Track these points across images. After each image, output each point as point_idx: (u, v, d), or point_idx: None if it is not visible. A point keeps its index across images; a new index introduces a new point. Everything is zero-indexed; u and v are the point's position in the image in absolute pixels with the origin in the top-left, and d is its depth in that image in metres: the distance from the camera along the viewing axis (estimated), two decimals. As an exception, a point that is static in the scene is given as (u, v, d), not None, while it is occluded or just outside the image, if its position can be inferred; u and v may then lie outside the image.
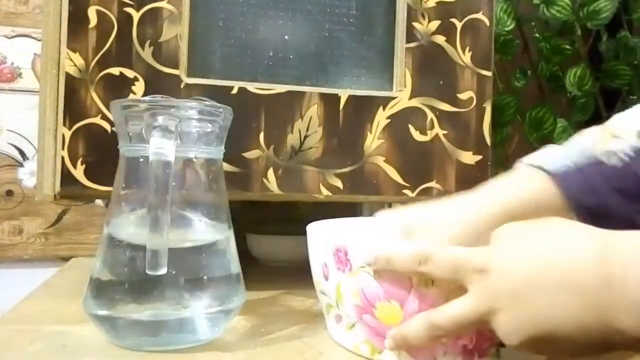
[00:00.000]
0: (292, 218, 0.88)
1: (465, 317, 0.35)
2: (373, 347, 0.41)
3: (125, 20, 0.57)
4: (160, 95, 0.47)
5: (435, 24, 0.66)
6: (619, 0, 0.96)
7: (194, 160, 0.45)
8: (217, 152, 0.47)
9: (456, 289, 0.37)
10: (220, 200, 0.47)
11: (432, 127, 0.65)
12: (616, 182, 0.45)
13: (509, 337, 0.34)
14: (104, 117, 0.56)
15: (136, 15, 0.57)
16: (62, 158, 0.55)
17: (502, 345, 0.40)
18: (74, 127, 0.55)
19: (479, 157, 0.66)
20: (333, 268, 0.43)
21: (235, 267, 0.47)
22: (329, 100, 0.62)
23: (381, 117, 0.63)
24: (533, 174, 0.47)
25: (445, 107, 0.66)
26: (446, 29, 0.66)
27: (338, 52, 0.64)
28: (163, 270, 0.40)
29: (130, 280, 0.42)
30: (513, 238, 0.36)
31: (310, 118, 0.61)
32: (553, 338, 0.32)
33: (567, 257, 0.32)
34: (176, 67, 0.58)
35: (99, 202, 0.91)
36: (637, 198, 0.44)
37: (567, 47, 0.99)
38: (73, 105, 0.56)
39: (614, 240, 0.32)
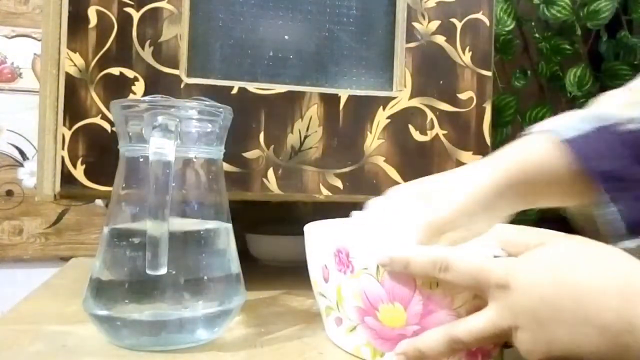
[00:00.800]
0: (292, 218, 0.88)
1: (487, 332, 0.35)
2: (374, 350, 0.41)
3: (125, 20, 0.57)
4: (160, 95, 0.47)
5: (435, 24, 0.66)
6: (619, 0, 0.96)
7: (194, 160, 0.45)
8: (217, 152, 0.47)
9: (462, 290, 0.37)
10: (220, 200, 0.47)
11: (432, 127, 0.65)
12: (635, 148, 0.41)
13: (528, 354, 0.34)
14: (104, 117, 0.56)
15: (136, 15, 0.57)
16: (62, 158, 0.55)
17: (505, 346, 0.40)
18: (74, 127, 0.55)
19: (479, 157, 0.66)
20: (334, 269, 0.42)
21: (235, 267, 0.47)
22: (329, 100, 0.62)
23: (381, 117, 0.63)
24: (543, 140, 0.43)
25: (445, 107, 0.66)
26: (446, 29, 0.66)
27: (338, 52, 0.64)
28: (163, 270, 0.40)
29: (130, 280, 0.42)
30: (534, 253, 0.35)
31: (310, 118, 0.61)
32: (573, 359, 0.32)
33: (587, 290, 0.32)
34: (176, 67, 0.58)
35: (99, 202, 0.91)
36: None
37: (567, 47, 0.99)
38: (73, 105, 0.56)
39: (634, 274, 0.31)
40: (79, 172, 0.55)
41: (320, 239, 0.45)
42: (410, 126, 0.64)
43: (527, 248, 0.37)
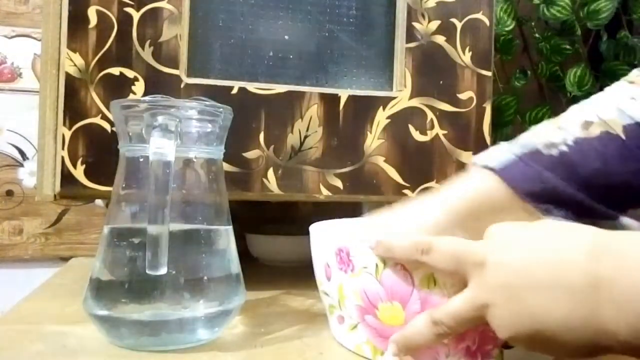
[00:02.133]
0: (292, 218, 0.88)
1: (464, 312, 0.35)
2: (375, 348, 0.41)
3: (125, 20, 0.57)
4: (160, 95, 0.47)
5: (435, 24, 0.66)
6: (619, 0, 0.96)
7: (194, 160, 0.45)
8: (217, 152, 0.47)
9: (459, 289, 0.37)
10: (220, 200, 0.47)
11: (432, 127, 0.65)
12: (555, 171, 0.45)
13: (499, 330, 0.34)
14: (104, 117, 0.56)
15: (136, 15, 0.57)
16: (62, 158, 0.55)
17: (505, 346, 0.40)
18: (74, 127, 0.55)
19: (479, 157, 0.66)
20: (335, 268, 0.43)
21: (235, 267, 0.47)
22: (329, 100, 0.62)
23: (381, 117, 0.63)
24: (481, 174, 0.48)
25: (445, 107, 0.66)
26: (446, 29, 0.66)
27: (338, 52, 0.64)
28: (163, 270, 0.40)
29: (130, 280, 0.42)
30: (508, 233, 0.36)
31: (310, 118, 0.61)
32: (542, 336, 0.32)
33: (558, 254, 0.32)
34: (176, 67, 0.58)
35: (99, 202, 0.91)
36: (581, 184, 0.45)
37: (567, 47, 0.99)
38: (73, 105, 0.56)
39: (604, 241, 0.32)
40: (79, 172, 0.55)
41: (322, 238, 0.45)
42: (410, 126, 0.64)
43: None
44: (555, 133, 0.47)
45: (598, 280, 0.30)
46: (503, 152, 0.48)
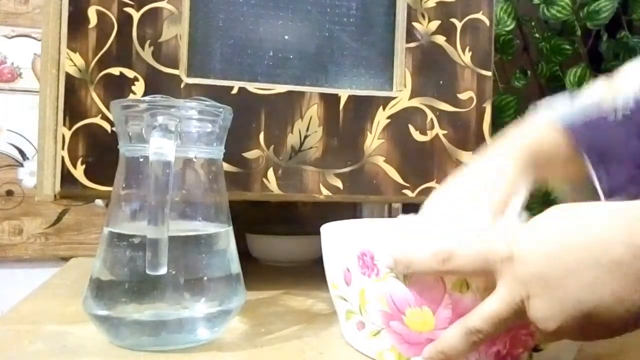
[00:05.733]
0: (292, 218, 0.88)
1: (501, 313, 0.33)
2: (400, 355, 0.40)
3: (125, 20, 0.57)
4: (160, 95, 0.47)
5: (435, 24, 0.66)
6: (619, 1, 0.96)
7: (194, 160, 0.45)
8: (217, 152, 0.47)
9: (492, 292, 0.35)
10: (220, 200, 0.47)
11: (432, 127, 0.65)
12: (622, 133, 0.47)
13: (545, 323, 0.32)
14: (104, 117, 0.56)
15: (136, 15, 0.57)
16: (62, 158, 0.55)
17: (535, 350, 0.40)
18: (74, 127, 0.55)
19: (479, 157, 0.66)
20: (357, 273, 0.40)
21: (235, 267, 0.47)
22: (329, 100, 0.62)
23: (381, 117, 0.63)
24: (548, 127, 0.50)
25: (445, 107, 0.66)
26: (446, 29, 0.66)
27: (338, 52, 0.64)
28: (163, 270, 0.40)
29: (131, 280, 0.42)
30: (531, 223, 0.35)
31: (310, 118, 0.61)
32: (593, 317, 0.31)
33: (592, 233, 0.31)
34: (176, 67, 0.58)
35: (99, 202, 0.91)
36: None
37: (567, 47, 0.99)
38: (73, 105, 0.56)
39: (635, 215, 0.31)
40: (79, 172, 0.55)
41: (341, 240, 0.43)
42: (410, 126, 0.64)
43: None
44: (615, 97, 0.49)
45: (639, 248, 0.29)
46: (572, 111, 0.50)
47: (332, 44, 0.64)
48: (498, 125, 0.98)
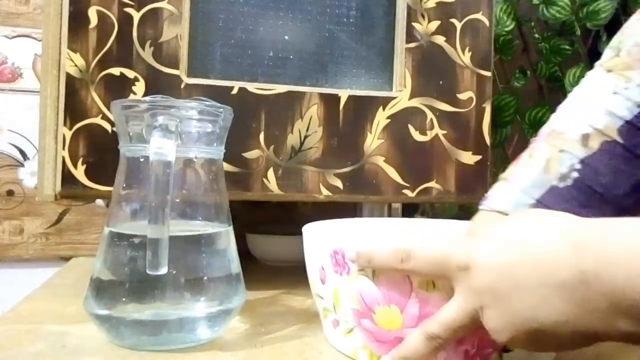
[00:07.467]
0: (292, 218, 0.88)
1: (457, 320, 0.34)
2: (371, 353, 0.40)
3: (125, 20, 0.57)
4: (160, 95, 0.47)
5: (435, 24, 0.66)
6: (619, 1, 0.96)
7: (194, 160, 0.45)
8: (218, 152, 0.47)
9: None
10: (220, 200, 0.47)
11: (432, 127, 0.65)
12: (576, 201, 0.45)
13: (497, 334, 0.33)
14: (105, 117, 0.56)
15: (136, 16, 0.57)
16: (63, 158, 0.55)
17: (504, 350, 0.40)
18: (75, 127, 0.56)
19: (478, 157, 0.66)
20: (330, 271, 0.42)
21: (235, 267, 0.47)
22: (329, 100, 0.62)
23: (381, 117, 0.64)
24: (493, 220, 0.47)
25: (445, 107, 0.66)
26: (446, 29, 0.66)
27: (338, 52, 0.64)
28: (163, 270, 0.40)
29: (131, 280, 0.42)
30: (492, 231, 0.35)
31: (310, 118, 0.61)
32: (540, 334, 0.31)
33: (540, 252, 0.32)
34: (176, 67, 0.58)
35: (99, 202, 0.91)
36: (601, 201, 0.45)
37: (567, 47, 0.99)
38: (74, 106, 0.56)
39: (585, 231, 0.31)
40: (79, 172, 0.55)
41: (316, 239, 0.44)
42: (410, 126, 0.64)
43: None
44: (560, 158, 0.46)
45: (584, 274, 0.29)
46: (517, 196, 0.47)
47: (332, 44, 0.64)
48: (498, 125, 0.99)
